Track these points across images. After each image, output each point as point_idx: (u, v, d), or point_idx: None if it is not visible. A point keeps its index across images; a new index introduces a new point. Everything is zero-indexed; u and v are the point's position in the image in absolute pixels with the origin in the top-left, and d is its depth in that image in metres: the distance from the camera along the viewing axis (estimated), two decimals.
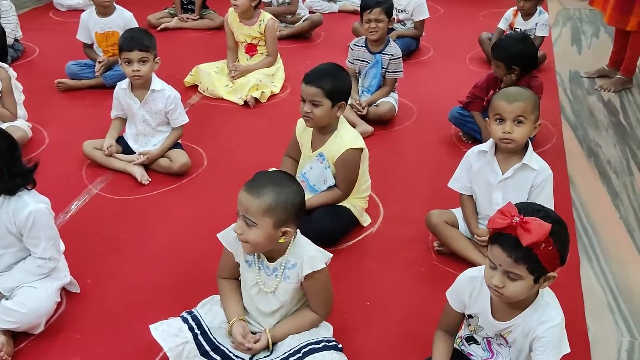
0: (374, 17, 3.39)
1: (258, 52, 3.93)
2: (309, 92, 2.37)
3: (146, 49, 2.83)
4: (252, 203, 1.71)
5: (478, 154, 2.33)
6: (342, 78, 2.43)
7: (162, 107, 2.95)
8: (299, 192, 1.76)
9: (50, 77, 3.95)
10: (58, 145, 3.25)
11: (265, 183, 1.73)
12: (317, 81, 2.36)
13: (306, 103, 2.39)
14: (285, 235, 1.74)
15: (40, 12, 5.34)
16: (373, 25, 3.40)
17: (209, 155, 3.18)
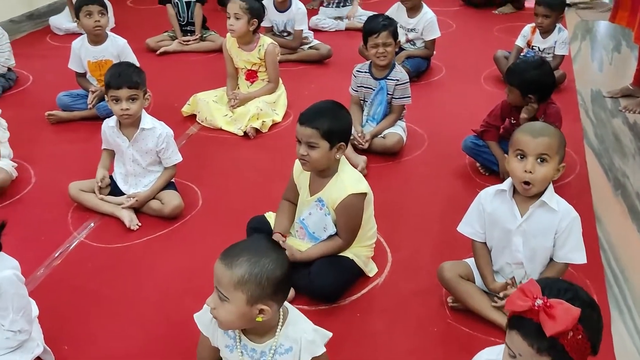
0: (381, 41, 3.16)
1: (259, 79, 3.72)
2: (305, 133, 2.15)
3: (135, 86, 2.63)
4: (224, 274, 1.49)
5: (494, 194, 2.09)
6: (340, 117, 2.20)
7: (152, 146, 2.74)
8: (279, 264, 1.51)
9: (42, 107, 3.77)
10: (44, 186, 3.06)
11: (241, 252, 1.51)
12: (312, 121, 2.14)
13: (302, 145, 2.17)
14: (262, 314, 1.50)
15: (37, 37, 5.18)
16: (381, 50, 3.17)
17: (204, 194, 2.96)
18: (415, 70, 4.11)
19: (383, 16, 3.32)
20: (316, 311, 2.20)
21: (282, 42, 4.33)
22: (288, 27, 4.49)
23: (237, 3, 3.50)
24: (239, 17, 3.50)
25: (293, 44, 4.49)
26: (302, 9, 4.46)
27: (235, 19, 3.51)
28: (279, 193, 2.57)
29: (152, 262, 2.51)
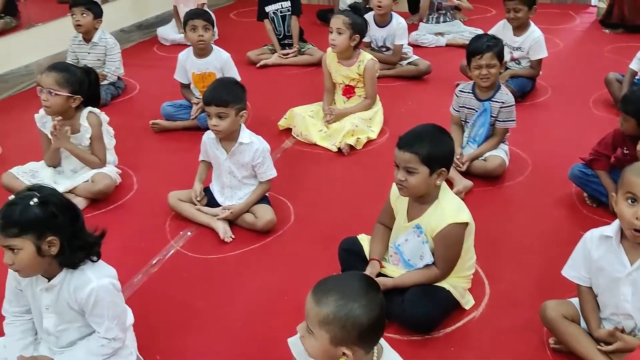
0: (485, 62, 3.04)
1: (356, 94, 3.68)
2: (403, 158, 2.08)
3: (224, 105, 2.64)
4: (312, 309, 1.46)
5: (599, 239, 1.94)
6: (441, 141, 2.12)
7: (249, 160, 2.76)
8: (369, 310, 1.44)
9: (147, 116, 3.91)
10: (145, 193, 3.16)
11: (331, 289, 1.47)
12: (411, 146, 2.07)
13: (400, 170, 2.10)
14: (346, 357, 1.45)
15: (145, 47, 5.41)
16: (484, 72, 3.05)
17: (297, 210, 2.95)
18: (520, 90, 3.94)
19: (488, 36, 3.20)
20: (408, 341, 2.12)
21: (380, 57, 4.27)
22: (387, 43, 4.44)
23: (340, 18, 3.49)
24: (341, 32, 3.49)
25: (392, 59, 4.43)
26: (402, 24, 4.39)
27: (337, 33, 3.50)
28: (372, 214, 2.52)
29: (244, 276, 2.52)
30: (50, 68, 2.96)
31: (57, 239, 1.77)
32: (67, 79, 2.90)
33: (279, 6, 4.80)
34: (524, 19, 3.99)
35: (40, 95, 2.93)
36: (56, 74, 2.90)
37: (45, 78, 2.90)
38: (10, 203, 1.76)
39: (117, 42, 4.31)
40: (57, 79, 2.88)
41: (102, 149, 3.08)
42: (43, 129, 3.06)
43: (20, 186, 2.95)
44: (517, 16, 3.96)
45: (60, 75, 2.89)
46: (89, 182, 3.00)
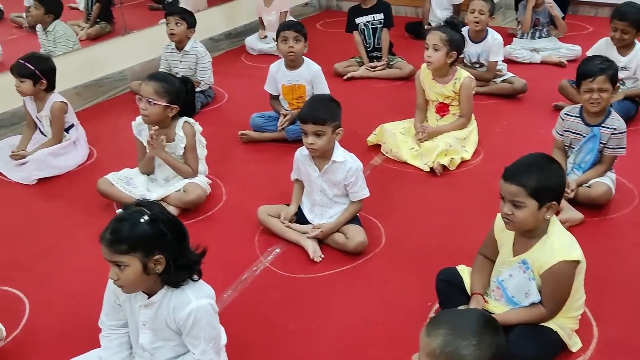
0: (597, 86, 2.85)
1: (450, 112, 3.56)
2: (509, 190, 1.96)
3: (322, 123, 2.58)
4: (422, 339, 1.40)
5: None
6: (551, 173, 1.98)
7: (341, 179, 2.70)
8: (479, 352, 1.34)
9: (235, 126, 3.93)
10: (234, 204, 3.15)
11: (444, 323, 1.40)
12: (518, 177, 1.95)
13: (506, 203, 1.98)
14: None
15: (233, 55, 5.46)
16: (595, 96, 2.86)
17: (387, 231, 2.86)
18: (625, 114, 3.66)
19: (602, 58, 3.00)
20: None
21: (474, 74, 4.11)
22: (481, 59, 4.29)
23: (437, 34, 3.38)
24: (438, 48, 3.38)
25: (486, 75, 4.27)
26: (498, 40, 4.23)
27: (433, 50, 3.39)
28: (468, 242, 2.41)
29: (334, 299, 2.45)
30: (150, 77, 3.00)
31: (164, 258, 1.75)
32: (166, 89, 2.93)
33: (370, 18, 4.73)
34: (629, 40, 3.76)
35: (139, 103, 2.97)
36: (155, 83, 2.93)
37: (144, 87, 2.94)
38: (120, 219, 1.76)
39: (207, 52, 4.36)
40: (156, 89, 2.92)
41: (195, 159, 3.09)
42: (139, 136, 3.11)
43: (115, 193, 3.03)
44: (623, 37, 3.73)
45: (159, 85, 2.92)
46: (181, 192, 3.03)
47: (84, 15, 5.40)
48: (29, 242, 2.91)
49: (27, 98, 3.58)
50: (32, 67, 3.44)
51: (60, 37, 4.56)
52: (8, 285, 2.60)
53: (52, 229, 3.01)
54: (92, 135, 3.78)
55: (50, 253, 2.82)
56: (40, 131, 3.64)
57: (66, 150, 3.55)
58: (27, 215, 3.15)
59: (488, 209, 2.98)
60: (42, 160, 3.44)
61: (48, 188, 3.38)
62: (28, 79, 3.45)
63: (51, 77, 3.54)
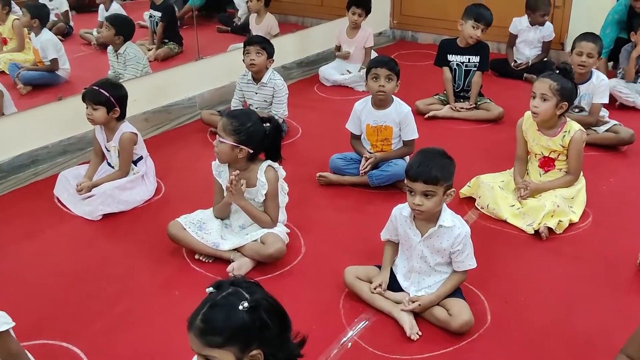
0: None
1: (555, 168, 3.18)
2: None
3: (434, 182, 2.25)
4: None
5: None
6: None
7: (447, 246, 2.36)
8: None
9: (311, 165, 3.64)
10: (314, 258, 2.84)
11: None
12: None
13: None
14: None
15: (306, 85, 5.20)
16: None
17: (492, 306, 2.50)
18: None
19: None
20: None
21: (574, 118, 3.73)
22: (583, 102, 3.89)
23: (547, 82, 3.03)
24: (547, 98, 3.02)
25: (589, 119, 3.86)
26: (605, 81, 3.84)
27: (541, 100, 3.03)
28: (588, 327, 2.03)
29: None
30: (226, 113, 2.76)
31: (262, 352, 1.45)
32: (235, 128, 2.66)
33: (465, 59, 4.38)
34: None
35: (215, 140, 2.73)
36: (226, 120, 2.70)
37: (219, 122, 2.73)
38: (214, 304, 1.46)
39: (285, 84, 4.09)
40: (225, 126, 2.68)
41: (275, 207, 2.81)
42: (218, 178, 2.85)
43: (186, 238, 2.77)
44: None
45: (228, 122, 2.69)
46: (259, 243, 2.74)
47: (149, 36, 5.26)
48: (90, 289, 2.65)
49: (98, 126, 3.36)
50: (107, 94, 3.23)
51: (130, 60, 4.38)
52: (65, 341, 2.34)
53: (116, 275, 2.75)
54: (159, 167, 3.54)
55: (113, 304, 2.55)
56: (108, 162, 3.42)
57: (133, 185, 3.31)
58: (89, 256, 2.91)
59: (604, 283, 2.64)
60: (109, 194, 3.20)
61: (113, 225, 3.15)
62: (102, 107, 3.23)
63: (124, 104, 3.33)
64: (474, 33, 4.30)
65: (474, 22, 4.28)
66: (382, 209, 2.93)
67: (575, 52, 3.76)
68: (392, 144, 3.47)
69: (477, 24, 4.28)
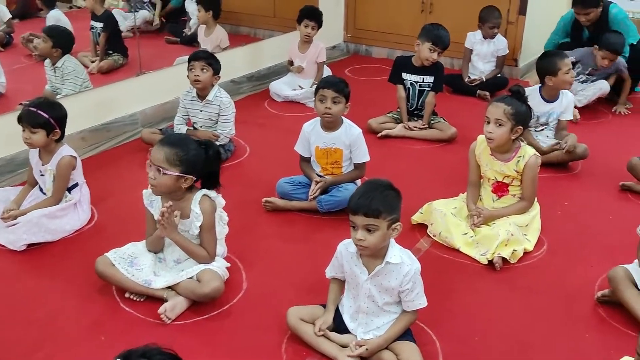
0: None
1: (509, 193, 3.07)
2: None
3: (375, 215, 2.08)
4: None
5: None
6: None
7: (396, 285, 2.20)
8: None
9: (258, 189, 3.45)
10: (257, 296, 2.64)
11: None
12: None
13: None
14: None
15: (256, 101, 5.00)
16: None
17: (444, 348, 2.34)
18: None
19: None
20: None
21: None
22: (550, 119, 3.81)
23: (500, 107, 2.91)
24: (502, 123, 2.90)
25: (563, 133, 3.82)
26: (571, 97, 3.81)
27: (495, 125, 2.91)
28: None
29: None
30: (163, 142, 2.51)
31: None
32: (180, 157, 2.43)
33: (419, 79, 4.25)
34: None
35: (148, 170, 2.49)
36: (168, 149, 2.44)
37: (155, 153, 2.45)
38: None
39: (232, 102, 3.89)
40: (168, 156, 2.43)
41: (212, 240, 2.60)
42: (150, 208, 2.63)
43: (116, 275, 2.56)
44: None
45: (172, 152, 2.43)
46: (194, 281, 2.52)
47: (91, 48, 5.00)
48: (9, 332, 2.40)
49: (34, 149, 3.09)
50: (46, 115, 2.95)
51: (69, 74, 4.12)
52: None
53: (38, 315, 2.49)
54: (94, 191, 3.28)
55: (33, 350, 2.30)
56: (40, 188, 3.15)
57: (64, 213, 3.05)
58: (8, 293, 2.64)
59: (561, 320, 2.52)
60: (35, 222, 2.93)
61: (38, 257, 2.88)
62: (41, 129, 2.95)
63: (64, 125, 3.07)
64: (430, 56, 4.17)
65: (431, 45, 4.16)
66: (331, 237, 2.76)
67: (564, 72, 3.65)
68: (342, 167, 3.31)
69: (434, 47, 4.16)
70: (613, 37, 4.55)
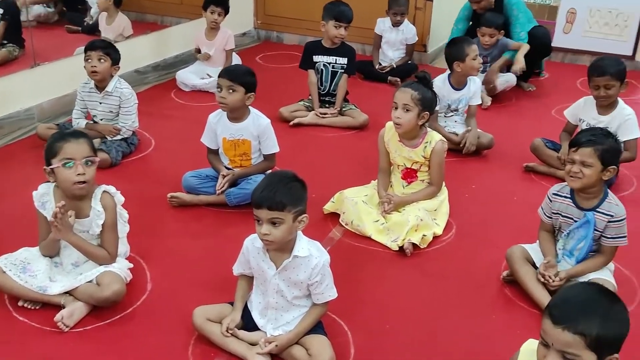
0: (578, 158, 2.45)
1: (418, 179, 3.08)
2: (562, 340, 1.46)
3: (279, 208, 2.01)
4: None
5: None
6: (617, 317, 1.50)
7: (304, 279, 2.14)
8: None
9: (164, 184, 3.31)
10: (162, 297, 2.52)
11: None
12: (575, 322, 1.45)
13: (552, 352, 1.48)
14: None
15: (162, 91, 4.80)
16: (575, 169, 2.45)
17: (356, 339, 2.32)
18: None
19: (596, 130, 2.62)
20: None
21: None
22: (460, 105, 3.86)
23: (408, 92, 2.91)
24: (409, 109, 2.90)
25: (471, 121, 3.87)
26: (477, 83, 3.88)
27: (403, 110, 2.91)
28: (454, 349, 1.88)
29: None
30: (70, 135, 2.38)
31: None
32: None
33: (332, 60, 4.21)
34: (614, 96, 3.42)
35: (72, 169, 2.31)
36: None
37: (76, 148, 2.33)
38: None
39: (133, 93, 3.70)
40: None
41: (114, 239, 2.45)
42: (42, 210, 2.44)
43: (7, 283, 2.38)
44: (607, 94, 3.38)
45: None
46: (93, 285, 2.37)
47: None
48: None
49: None
50: None
51: None
52: None
53: None
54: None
55: None
56: None
57: None
58: None
59: (469, 303, 2.55)
60: None
61: None
62: None
63: None
64: (337, 33, 4.16)
65: (335, 22, 4.14)
66: (241, 231, 2.65)
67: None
68: (251, 159, 3.22)
69: (338, 23, 4.14)
70: (489, 14, 4.62)
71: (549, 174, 3.58)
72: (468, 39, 3.97)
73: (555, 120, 4.23)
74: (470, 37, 4.28)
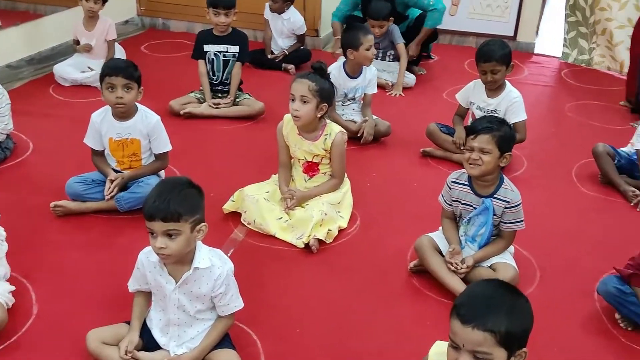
0: (477, 145, 2.46)
1: (320, 172, 3.01)
2: (473, 339, 1.43)
3: (175, 219, 1.85)
4: None
5: None
6: (521, 312, 1.50)
7: (207, 291, 2.00)
8: None
9: (45, 191, 3.04)
10: (50, 320, 2.29)
11: None
12: (483, 320, 1.43)
13: (463, 353, 1.45)
14: None
15: (38, 87, 4.41)
16: (475, 157, 2.46)
17: (266, 347, 2.21)
18: None
19: (490, 117, 2.65)
20: None
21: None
22: (357, 94, 3.81)
23: (305, 83, 2.81)
24: (307, 100, 2.81)
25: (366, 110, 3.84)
26: (374, 72, 3.83)
27: (301, 102, 2.81)
28: (365, 345, 1.83)
29: None
30: None
31: None
32: None
33: (223, 49, 4.04)
34: (501, 79, 3.50)
35: None
36: None
37: None
38: None
39: (4, 92, 3.35)
40: None
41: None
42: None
43: None
44: (495, 78, 3.45)
45: None
46: None
47: None
48: None
49: None
50: None
51: None
52: None
53: None
54: None
55: None
56: None
57: None
58: None
59: (378, 297, 2.52)
60: None
61: None
62: None
63: None
64: (217, 20, 4.00)
65: (214, 9, 3.99)
66: (135, 240, 2.51)
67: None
68: (142, 159, 3.00)
69: (215, 10, 3.98)
70: (375, 4, 4.48)
71: (444, 157, 3.63)
72: (365, 27, 3.90)
73: (448, 103, 4.30)
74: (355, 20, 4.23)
